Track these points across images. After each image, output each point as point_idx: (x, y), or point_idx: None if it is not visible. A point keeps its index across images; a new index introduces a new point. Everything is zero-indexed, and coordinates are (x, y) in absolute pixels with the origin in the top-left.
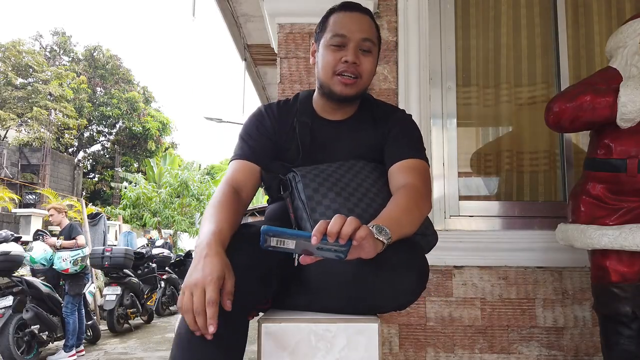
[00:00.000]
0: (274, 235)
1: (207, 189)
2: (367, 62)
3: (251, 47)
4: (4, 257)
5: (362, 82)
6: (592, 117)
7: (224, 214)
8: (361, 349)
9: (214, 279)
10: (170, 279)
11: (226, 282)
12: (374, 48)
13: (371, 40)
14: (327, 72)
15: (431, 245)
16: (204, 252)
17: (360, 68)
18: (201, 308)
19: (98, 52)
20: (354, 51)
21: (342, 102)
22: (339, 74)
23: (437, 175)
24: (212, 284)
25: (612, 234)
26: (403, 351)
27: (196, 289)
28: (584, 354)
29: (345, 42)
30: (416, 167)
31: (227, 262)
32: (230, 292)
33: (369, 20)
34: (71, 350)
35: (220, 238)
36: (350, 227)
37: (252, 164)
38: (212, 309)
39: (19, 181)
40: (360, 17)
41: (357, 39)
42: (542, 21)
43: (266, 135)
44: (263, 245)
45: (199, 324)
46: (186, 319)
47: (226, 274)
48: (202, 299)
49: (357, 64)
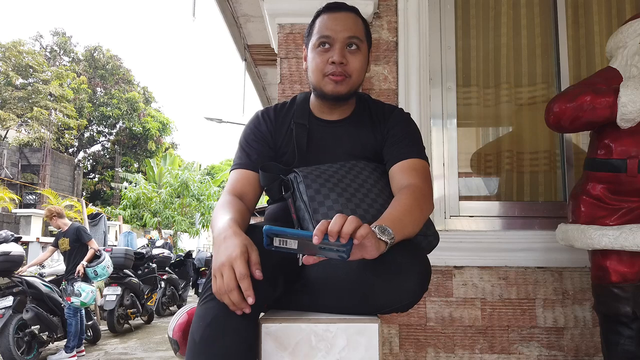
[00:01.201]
0: (277, 236)
1: (207, 189)
2: (355, 60)
3: (251, 48)
4: (4, 258)
5: (353, 81)
6: (592, 117)
7: (232, 211)
8: (361, 349)
9: (239, 254)
10: (170, 279)
11: (251, 255)
12: (361, 45)
13: (357, 38)
14: (316, 75)
15: (432, 245)
16: (222, 236)
17: (348, 67)
18: (233, 284)
19: (98, 53)
20: (339, 51)
21: (336, 102)
22: (328, 75)
23: (437, 175)
24: (238, 259)
25: (613, 234)
26: (403, 351)
27: (225, 269)
28: (584, 354)
29: (331, 42)
30: (417, 168)
31: (246, 237)
32: (257, 262)
33: (354, 17)
34: (72, 351)
35: (235, 221)
36: (351, 226)
37: (251, 172)
38: (245, 281)
39: (19, 181)
40: (344, 16)
41: (342, 38)
42: (542, 21)
43: (264, 142)
44: (266, 245)
45: (233, 300)
46: (224, 301)
47: (249, 248)
48: (233, 276)
49: (344, 63)
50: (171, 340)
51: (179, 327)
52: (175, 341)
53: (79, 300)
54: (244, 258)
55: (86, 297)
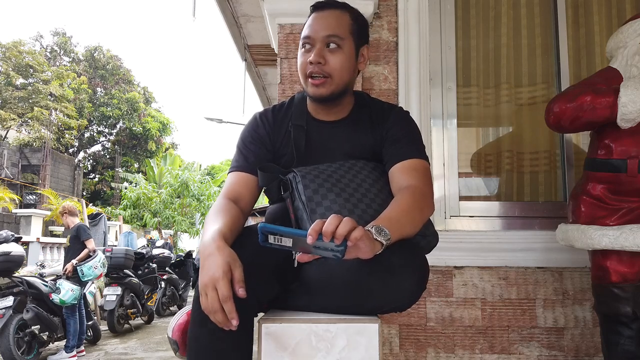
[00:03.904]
0: (272, 233)
1: (208, 189)
2: (334, 60)
3: (251, 48)
4: (5, 258)
5: (335, 81)
6: (592, 117)
7: (223, 219)
8: (361, 350)
9: (221, 274)
10: (170, 279)
11: (234, 273)
12: (343, 42)
13: (337, 36)
14: (301, 76)
15: (431, 245)
16: (207, 252)
17: (326, 67)
18: (217, 306)
19: (98, 53)
20: (317, 51)
21: (322, 103)
22: (309, 76)
23: (437, 175)
24: (221, 280)
25: (613, 234)
26: (403, 351)
27: (208, 290)
28: (584, 354)
29: (311, 42)
30: (418, 168)
31: (231, 252)
32: (240, 280)
33: (337, 14)
34: (72, 350)
35: (222, 234)
36: (345, 228)
37: (249, 175)
38: (228, 304)
39: (20, 181)
40: (327, 14)
41: (320, 37)
42: (542, 21)
43: (261, 144)
44: (261, 242)
45: (218, 320)
46: (212, 319)
47: (232, 265)
48: (216, 297)
49: (322, 63)
50: (171, 340)
51: (179, 327)
52: (175, 341)
53: (58, 297)
54: (226, 278)
55: (65, 294)
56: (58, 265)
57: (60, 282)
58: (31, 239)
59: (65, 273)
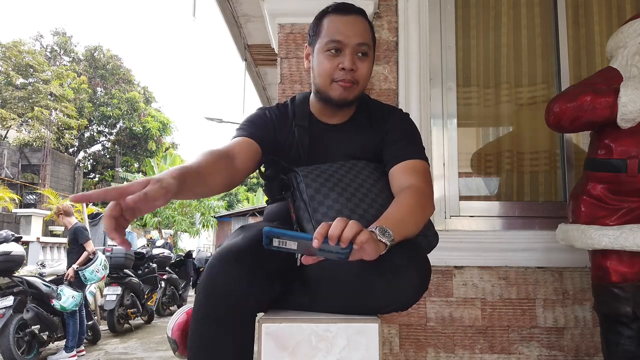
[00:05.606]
0: (276, 237)
1: None
2: (363, 67)
3: (251, 47)
4: (5, 257)
5: (360, 87)
6: (592, 117)
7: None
8: (362, 349)
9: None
10: (170, 279)
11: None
12: (369, 51)
13: (367, 44)
14: (324, 79)
15: (432, 245)
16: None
17: (357, 74)
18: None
19: (98, 52)
20: (350, 57)
21: (341, 107)
22: (338, 81)
23: (437, 175)
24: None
25: (613, 234)
26: (403, 351)
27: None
28: (584, 354)
29: (341, 47)
30: (418, 168)
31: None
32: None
33: (363, 22)
34: (72, 350)
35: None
36: (352, 231)
37: (251, 140)
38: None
39: (20, 181)
40: (355, 20)
41: (353, 44)
42: (542, 21)
43: (269, 128)
44: (266, 245)
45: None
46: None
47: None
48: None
49: (354, 70)
50: (170, 339)
51: (178, 326)
52: (175, 341)
53: (59, 304)
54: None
55: (66, 301)
56: (58, 264)
57: (62, 288)
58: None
59: (67, 279)
